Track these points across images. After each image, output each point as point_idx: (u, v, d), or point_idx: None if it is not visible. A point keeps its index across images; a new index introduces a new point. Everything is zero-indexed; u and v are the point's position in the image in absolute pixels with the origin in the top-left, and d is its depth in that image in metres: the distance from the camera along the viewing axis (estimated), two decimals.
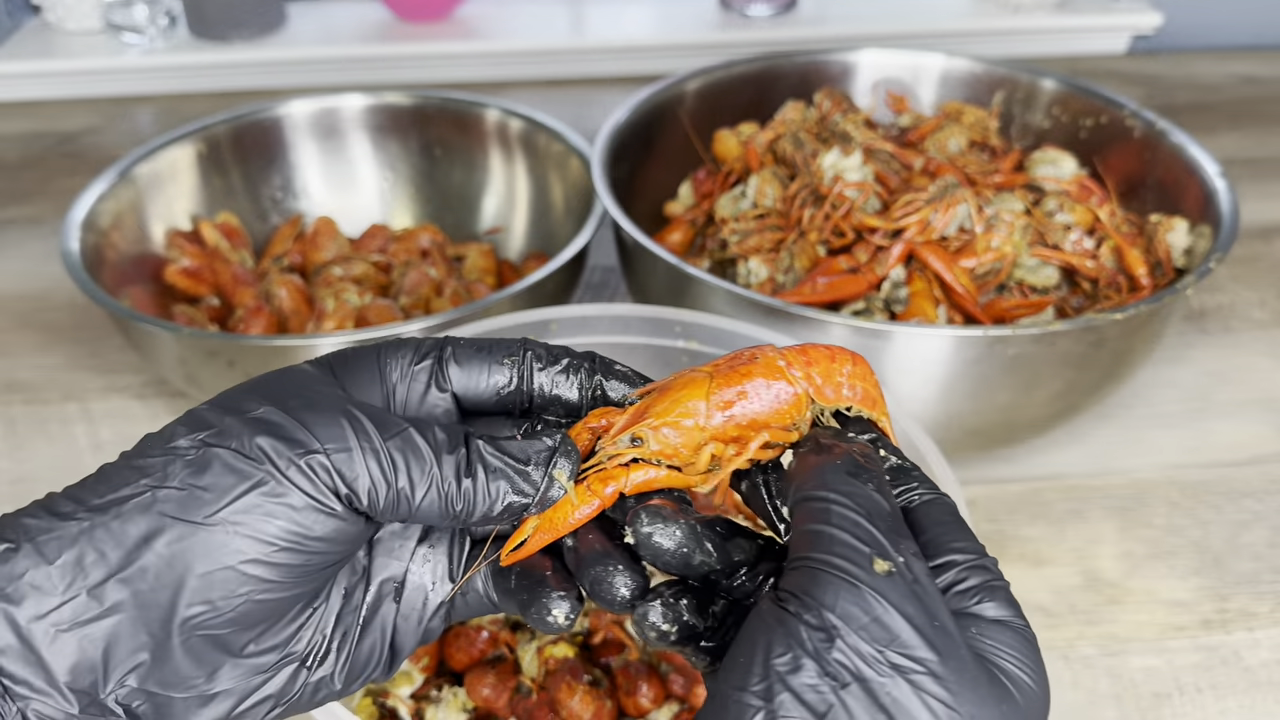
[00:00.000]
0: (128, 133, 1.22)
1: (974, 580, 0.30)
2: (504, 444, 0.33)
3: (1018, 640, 0.29)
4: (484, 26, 1.36)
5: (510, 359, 0.35)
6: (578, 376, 0.36)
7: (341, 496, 0.30)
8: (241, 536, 0.29)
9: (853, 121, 0.87)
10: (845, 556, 0.28)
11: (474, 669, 0.59)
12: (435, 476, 0.31)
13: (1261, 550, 0.71)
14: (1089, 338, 0.65)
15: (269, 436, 0.30)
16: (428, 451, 0.31)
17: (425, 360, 0.35)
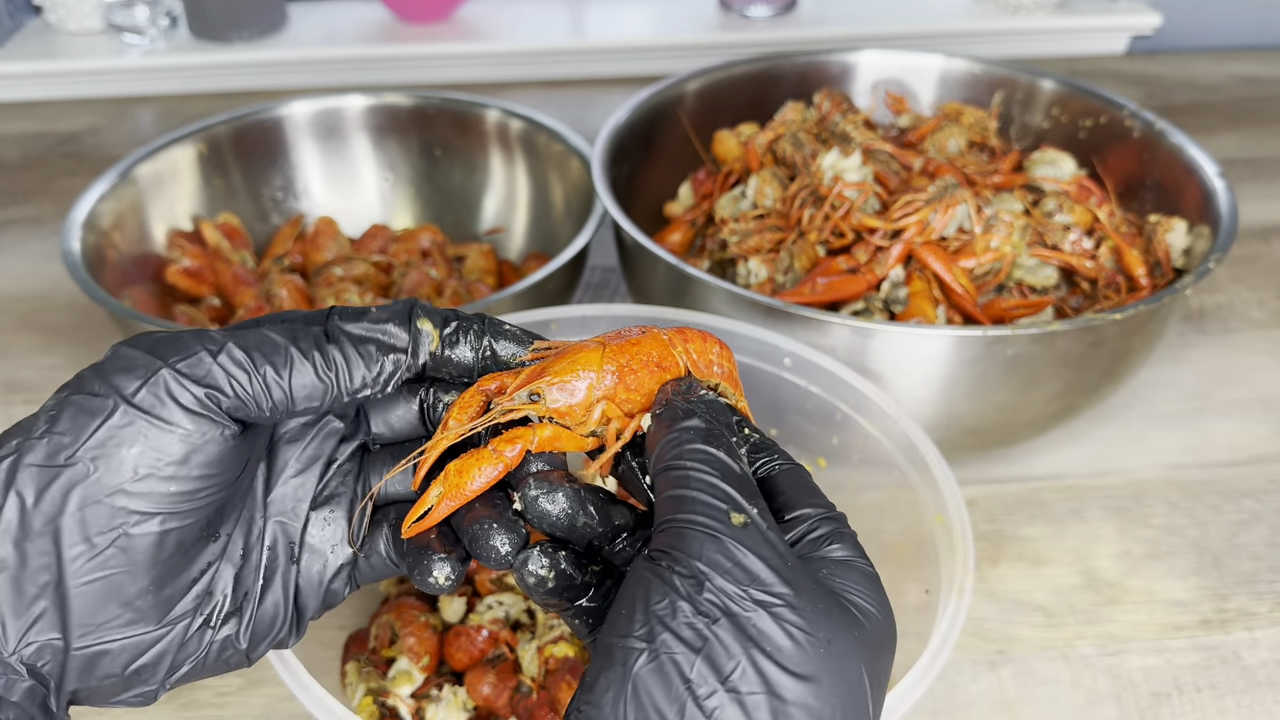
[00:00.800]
0: (129, 133, 1.23)
1: (824, 530, 0.34)
2: (359, 310, 0.35)
3: (863, 577, 0.33)
4: (484, 27, 1.36)
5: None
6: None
7: (202, 402, 0.32)
8: (103, 470, 0.31)
9: (852, 122, 0.87)
10: (705, 514, 0.31)
11: (474, 668, 0.59)
12: (294, 355, 0.33)
13: (1260, 550, 0.71)
14: (1088, 338, 0.65)
15: (118, 372, 0.32)
16: (282, 336, 0.33)
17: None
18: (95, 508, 0.31)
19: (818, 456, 0.63)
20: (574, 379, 0.35)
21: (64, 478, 0.31)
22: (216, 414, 0.32)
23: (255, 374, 0.32)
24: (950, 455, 0.63)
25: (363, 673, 0.59)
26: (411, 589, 0.64)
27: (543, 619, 0.61)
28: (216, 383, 0.32)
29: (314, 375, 0.33)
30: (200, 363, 0.32)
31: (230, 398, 0.32)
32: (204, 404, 0.32)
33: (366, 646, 0.61)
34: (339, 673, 0.61)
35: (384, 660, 0.60)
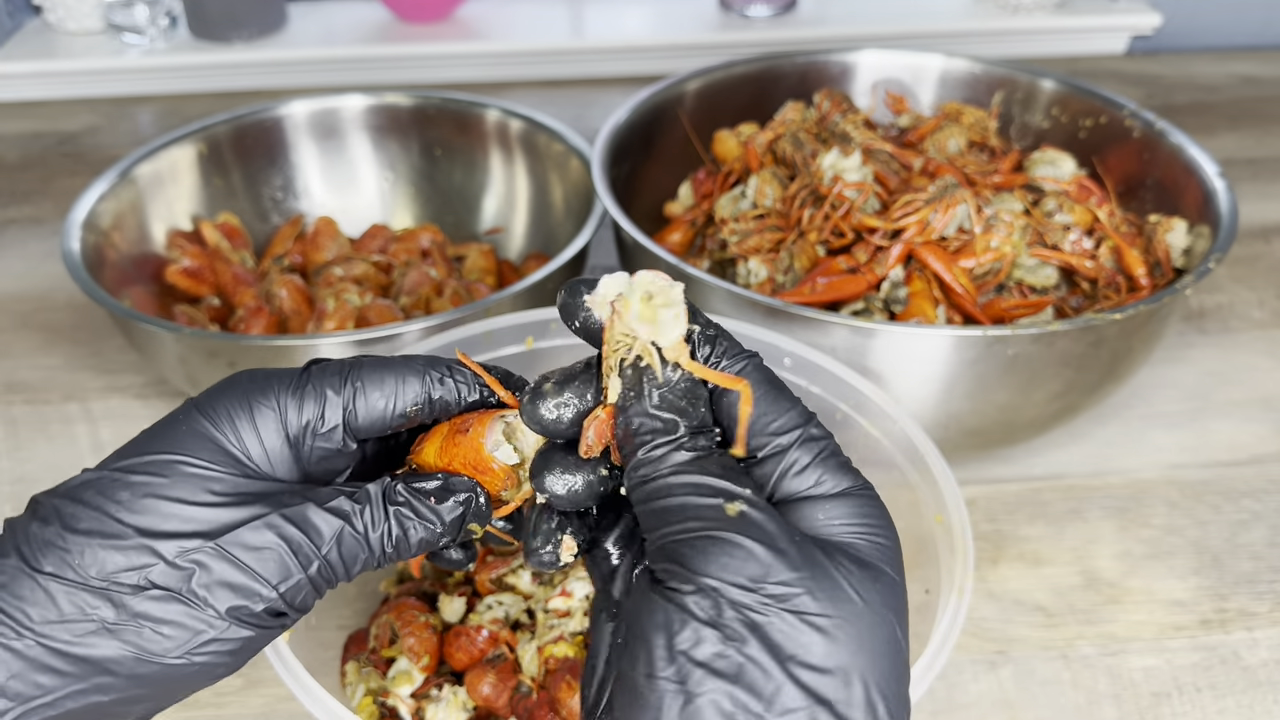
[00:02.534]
0: (128, 133, 1.23)
1: (804, 458, 0.32)
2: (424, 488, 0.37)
3: (862, 506, 0.31)
4: (484, 27, 1.36)
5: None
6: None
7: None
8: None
9: (852, 122, 0.87)
10: (699, 516, 0.30)
11: (474, 668, 0.59)
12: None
13: (1260, 550, 0.71)
14: (1088, 338, 0.65)
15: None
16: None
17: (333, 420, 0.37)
18: None
19: None
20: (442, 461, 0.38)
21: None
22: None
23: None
24: (950, 455, 0.63)
25: (362, 673, 0.59)
26: (412, 589, 0.64)
27: (543, 619, 0.61)
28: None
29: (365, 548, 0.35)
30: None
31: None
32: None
33: (366, 646, 0.61)
34: (339, 673, 0.61)
35: (384, 660, 0.60)
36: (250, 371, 0.37)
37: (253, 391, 0.36)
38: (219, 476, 0.34)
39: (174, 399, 0.84)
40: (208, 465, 0.34)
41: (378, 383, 0.37)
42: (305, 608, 0.34)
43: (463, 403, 0.38)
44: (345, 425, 0.36)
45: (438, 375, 0.37)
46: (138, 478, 0.33)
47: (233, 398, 0.35)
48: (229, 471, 0.34)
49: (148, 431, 0.35)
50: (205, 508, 0.33)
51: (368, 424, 0.37)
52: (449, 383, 0.37)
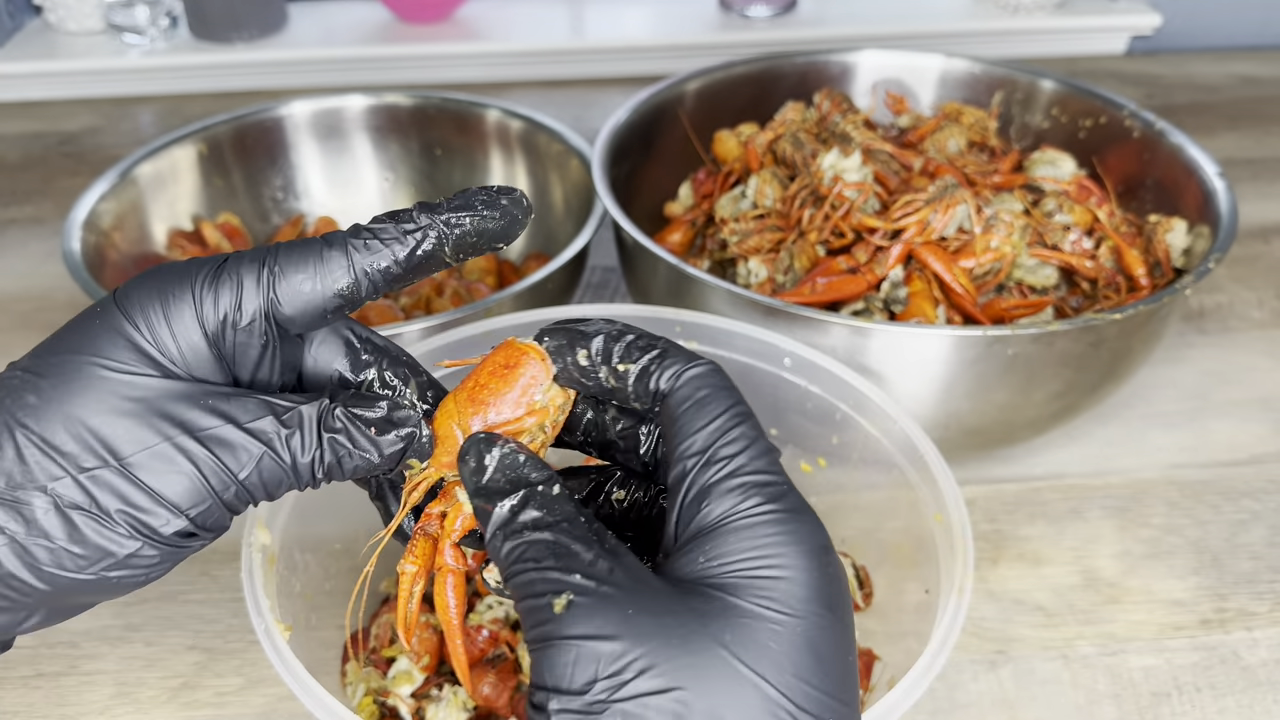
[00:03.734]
0: (129, 133, 1.23)
1: (704, 478, 0.30)
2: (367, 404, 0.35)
3: (756, 536, 0.28)
4: (484, 27, 1.36)
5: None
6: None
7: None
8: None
9: (852, 122, 0.87)
10: (535, 622, 0.28)
11: (475, 668, 0.59)
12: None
13: (1260, 550, 0.71)
14: (1088, 338, 0.65)
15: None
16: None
17: (252, 310, 0.34)
18: None
19: (818, 456, 0.63)
20: (444, 431, 0.36)
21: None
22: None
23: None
24: (950, 455, 0.63)
25: (363, 672, 0.59)
26: None
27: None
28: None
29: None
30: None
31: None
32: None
33: (367, 646, 0.61)
34: (339, 672, 0.61)
35: (384, 660, 0.60)
36: (171, 263, 0.34)
37: (169, 282, 0.33)
38: (133, 380, 0.32)
39: None
40: (121, 366, 0.32)
41: (298, 263, 0.33)
42: (221, 528, 0.33)
43: (396, 263, 0.34)
44: (268, 316, 0.33)
45: (360, 242, 0.34)
46: (47, 381, 0.31)
47: (149, 290, 0.33)
48: (145, 373, 0.32)
49: (67, 326, 0.33)
50: (115, 418, 0.31)
51: (298, 311, 0.34)
52: (375, 244, 0.34)
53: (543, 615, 0.27)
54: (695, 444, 0.30)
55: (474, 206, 0.35)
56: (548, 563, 0.28)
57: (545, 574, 0.28)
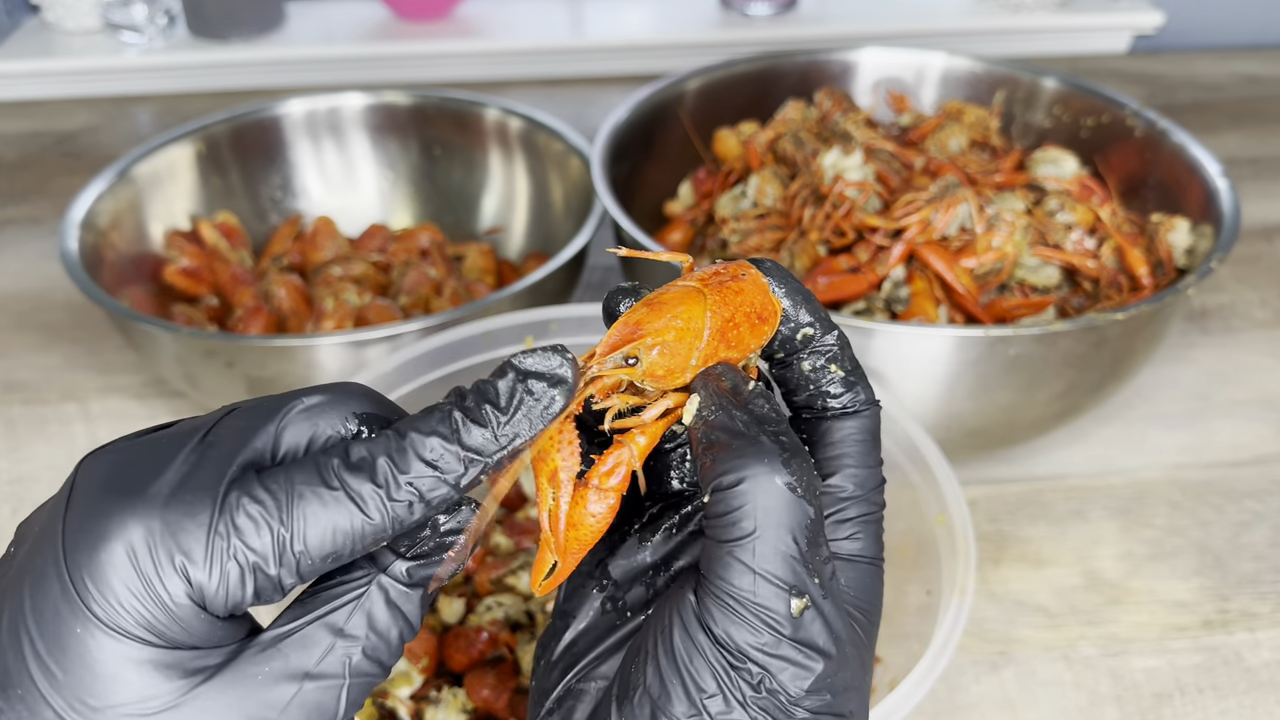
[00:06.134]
0: (126, 132, 1.22)
1: (853, 513, 0.32)
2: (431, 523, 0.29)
3: (869, 577, 0.33)
4: (484, 26, 1.35)
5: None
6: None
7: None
8: None
9: (853, 121, 0.87)
10: (766, 606, 0.27)
11: (474, 670, 0.59)
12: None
13: (1263, 550, 0.71)
14: (1090, 337, 0.65)
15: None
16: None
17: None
18: None
19: None
20: (676, 340, 0.30)
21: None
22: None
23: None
24: (952, 455, 0.62)
25: None
26: None
27: (542, 620, 0.61)
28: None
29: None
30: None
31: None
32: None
33: None
34: None
35: None
36: (117, 504, 0.26)
37: (153, 556, 0.25)
38: (186, 711, 0.26)
39: (172, 399, 0.84)
40: (164, 704, 0.25)
41: (316, 513, 0.26)
42: None
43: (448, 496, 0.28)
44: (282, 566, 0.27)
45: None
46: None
47: (122, 572, 0.25)
48: (186, 685, 0.26)
49: (33, 652, 0.25)
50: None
51: (313, 571, 0.27)
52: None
53: (774, 606, 0.28)
54: (865, 479, 0.33)
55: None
56: (799, 557, 0.28)
57: (798, 569, 0.28)
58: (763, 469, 0.28)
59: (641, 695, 0.29)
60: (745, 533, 0.27)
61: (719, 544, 0.28)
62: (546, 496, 0.30)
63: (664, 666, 0.28)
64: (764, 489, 0.28)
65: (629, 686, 0.29)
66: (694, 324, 0.30)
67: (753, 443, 0.28)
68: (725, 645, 0.28)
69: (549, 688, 0.33)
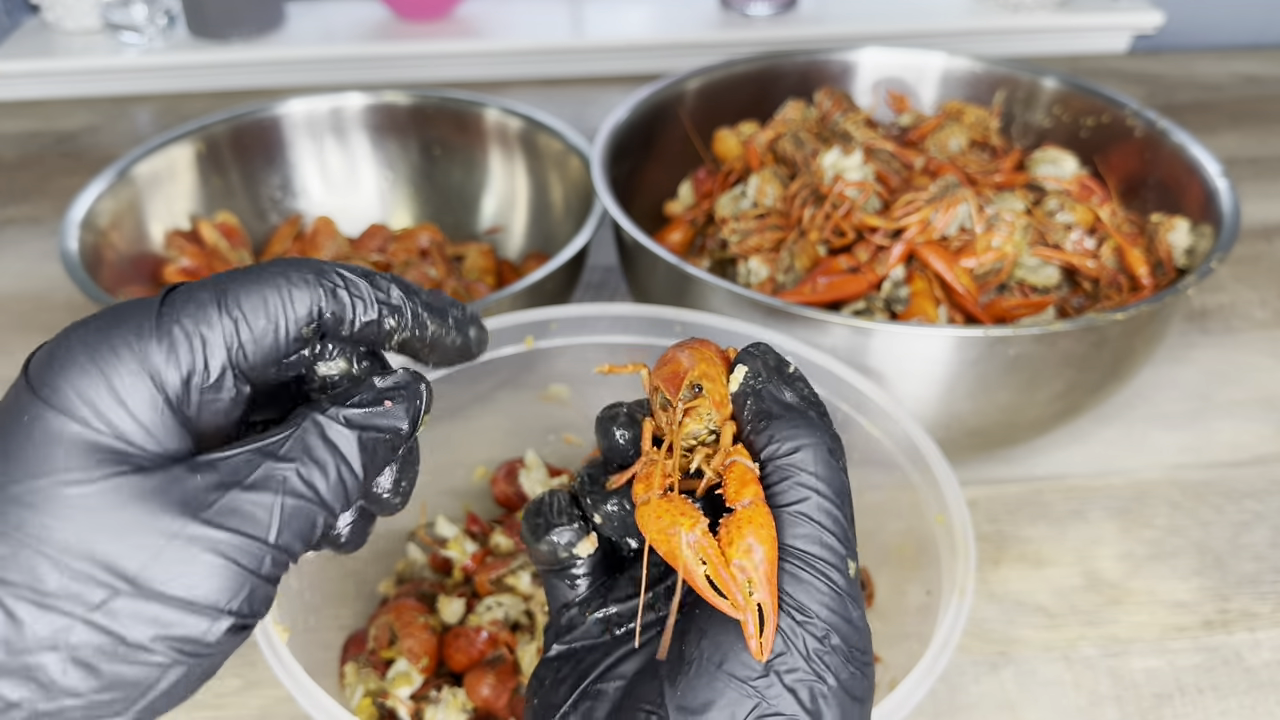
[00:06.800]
0: (126, 132, 1.22)
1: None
2: (354, 389, 0.32)
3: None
4: (484, 26, 1.35)
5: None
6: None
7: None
8: None
9: (853, 121, 0.87)
10: (830, 564, 0.30)
11: (473, 669, 0.59)
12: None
13: (1263, 551, 0.71)
14: (1090, 338, 0.65)
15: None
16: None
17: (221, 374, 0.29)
18: None
19: None
20: (707, 365, 0.34)
21: None
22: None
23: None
24: (952, 455, 0.62)
25: (361, 674, 0.59)
26: (411, 590, 0.64)
27: (542, 620, 0.61)
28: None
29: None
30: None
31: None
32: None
33: (365, 647, 0.61)
34: (338, 674, 0.60)
35: (383, 661, 0.60)
36: (85, 324, 0.28)
37: (102, 354, 0.27)
38: (103, 486, 0.26)
39: None
40: (84, 476, 0.26)
41: (260, 305, 0.29)
42: (268, 603, 0.29)
43: (357, 322, 0.31)
44: (234, 369, 0.29)
45: (329, 287, 0.30)
46: (8, 525, 0.26)
47: (78, 373, 0.27)
48: (114, 472, 0.26)
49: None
50: (106, 536, 0.26)
51: (259, 360, 0.30)
52: (342, 295, 0.31)
53: (838, 566, 0.30)
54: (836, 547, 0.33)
55: (447, 318, 0.34)
56: (850, 522, 0.31)
57: (850, 535, 0.31)
58: (815, 439, 0.31)
59: (700, 666, 0.30)
60: (803, 497, 0.30)
61: (778, 509, 0.30)
62: (732, 574, 0.29)
63: (724, 638, 0.30)
64: (817, 458, 0.30)
65: (682, 662, 0.30)
66: (705, 351, 0.35)
67: (803, 415, 0.31)
68: (789, 603, 0.29)
69: (557, 702, 0.33)
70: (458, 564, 0.65)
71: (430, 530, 0.67)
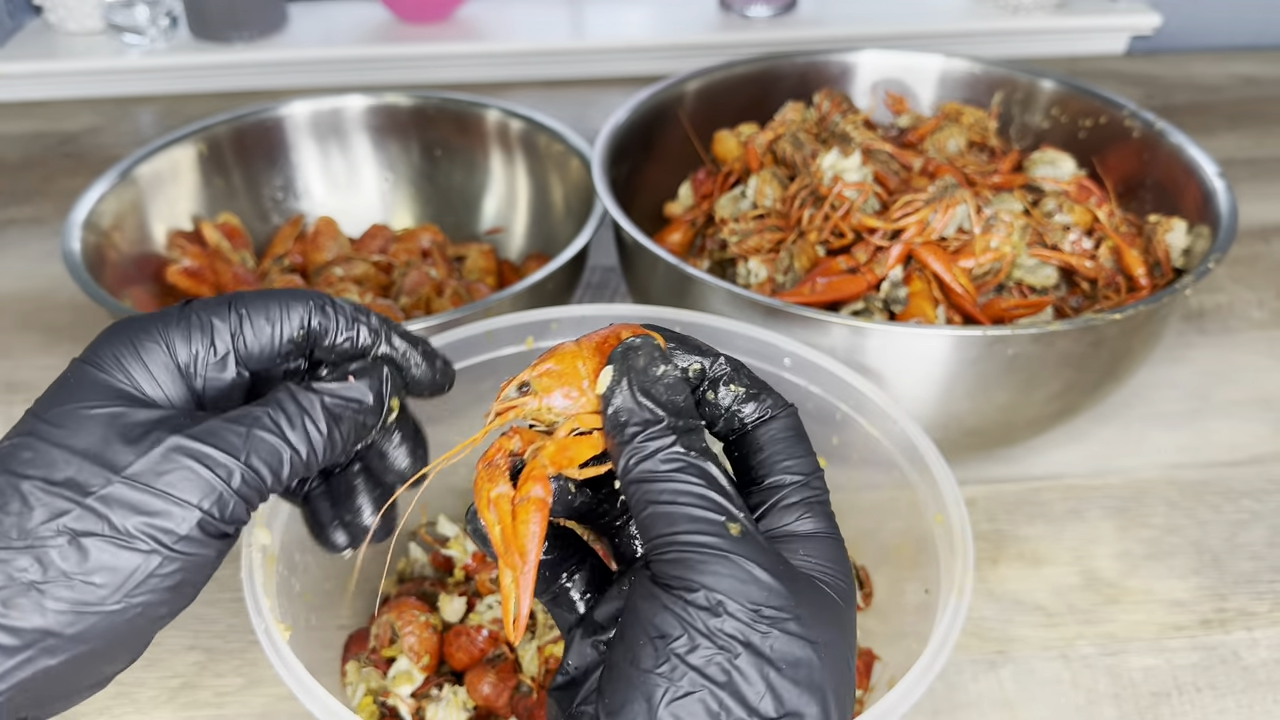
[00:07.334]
0: (129, 133, 1.23)
1: (795, 498, 0.34)
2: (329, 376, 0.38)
3: (833, 550, 0.34)
4: (484, 27, 1.36)
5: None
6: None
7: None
8: None
9: (852, 122, 0.87)
10: (706, 531, 0.31)
11: (474, 668, 0.59)
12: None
13: (1260, 550, 0.71)
14: (1088, 338, 0.65)
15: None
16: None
17: (220, 350, 0.37)
18: None
19: (818, 457, 0.63)
20: (558, 361, 0.36)
21: None
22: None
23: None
24: (950, 455, 0.62)
25: (363, 672, 0.59)
26: (412, 589, 0.64)
27: (543, 619, 0.61)
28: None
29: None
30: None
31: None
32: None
33: (366, 646, 0.61)
34: (339, 672, 0.61)
35: (384, 660, 0.60)
36: (129, 317, 0.37)
37: (135, 333, 0.36)
38: (119, 412, 0.34)
39: None
40: (106, 404, 0.34)
41: (262, 309, 0.38)
42: (239, 520, 0.34)
43: (339, 334, 0.39)
44: (235, 354, 0.37)
45: (319, 304, 0.38)
46: (36, 436, 0.33)
47: (116, 343, 0.36)
48: (124, 403, 0.34)
49: (43, 395, 0.35)
50: (111, 442, 0.33)
51: (257, 351, 0.38)
52: (329, 311, 0.39)
53: (714, 530, 0.31)
54: (797, 467, 0.35)
55: (417, 346, 0.41)
56: (719, 488, 0.32)
57: (721, 498, 0.31)
58: (659, 444, 0.32)
59: (617, 668, 0.31)
60: (652, 498, 0.32)
61: (642, 513, 0.32)
62: (491, 522, 0.34)
63: (631, 637, 0.31)
64: (667, 459, 0.32)
65: (609, 667, 0.32)
66: (570, 348, 0.36)
67: (654, 423, 0.33)
68: (673, 584, 0.30)
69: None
70: (459, 563, 0.65)
71: (432, 529, 0.67)
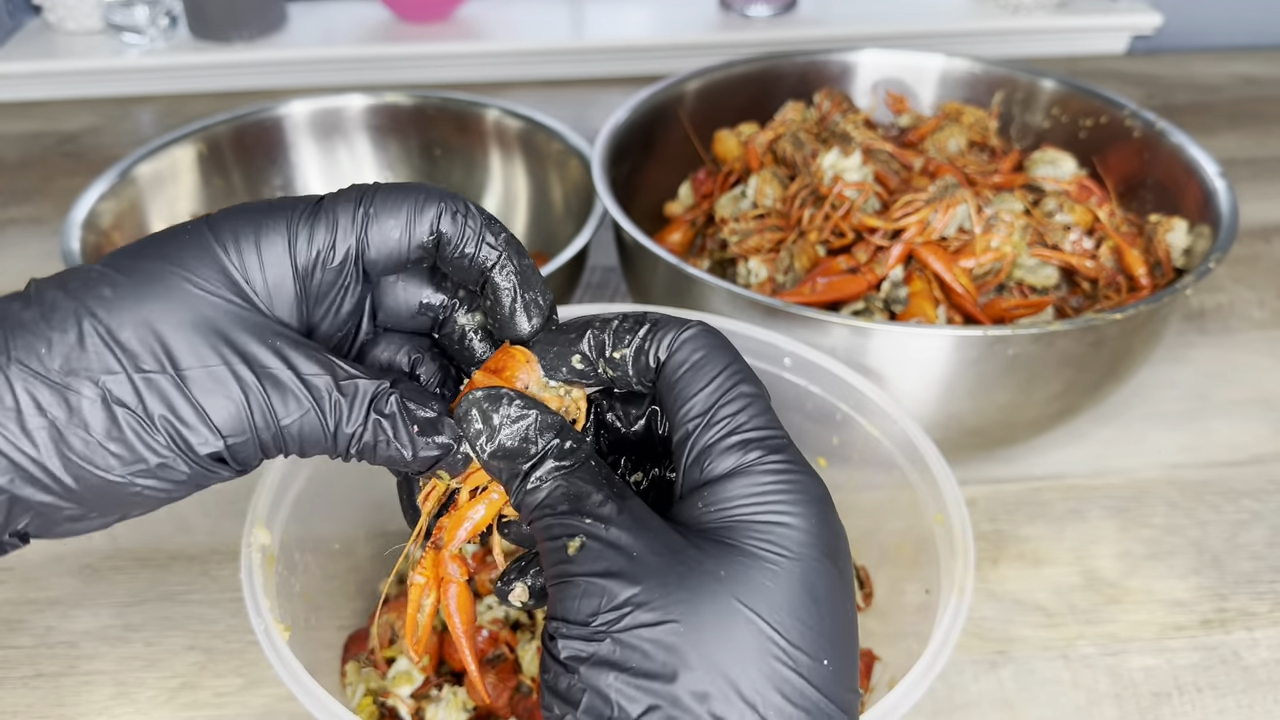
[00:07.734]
0: (129, 133, 1.23)
1: (702, 443, 0.31)
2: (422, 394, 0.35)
3: (754, 482, 0.30)
4: (484, 27, 1.36)
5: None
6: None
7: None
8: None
9: (852, 122, 0.87)
10: (551, 561, 0.30)
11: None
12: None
13: (1261, 550, 0.71)
14: (1088, 338, 0.65)
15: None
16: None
17: (341, 258, 0.34)
18: None
19: (818, 456, 0.63)
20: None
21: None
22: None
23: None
24: (950, 455, 0.63)
25: (362, 673, 0.59)
26: None
27: (542, 620, 0.61)
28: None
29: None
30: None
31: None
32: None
33: (366, 646, 0.61)
34: (339, 673, 0.61)
35: (384, 660, 0.60)
36: (265, 199, 0.35)
37: (263, 215, 0.34)
38: (210, 299, 0.32)
39: None
40: (203, 284, 0.32)
41: (393, 209, 0.34)
42: (249, 465, 0.33)
43: (463, 247, 0.34)
44: (357, 255, 0.34)
45: (452, 208, 0.34)
46: (126, 279, 0.31)
47: (243, 220, 0.34)
48: (224, 295, 0.32)
49: (153, 236, 0.33)
50: (184, 330, 0.31)
51: (381, 256, 0.34)
52: (459, 219, 0.34)
53: (559, 556, 0.30)
54: (695, 406, 0.32)
55: (528, 291, 0.36)
56: (563, 508, 0.31)
57: (562, 520, 0.31)
58: (528, 490, 0.32)
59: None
60: (543, 534, 0.31)
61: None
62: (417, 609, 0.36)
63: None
64: (530, 507, 0.32)
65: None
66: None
67: (514, 481, 0.33)
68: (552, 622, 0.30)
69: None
70: None
71: None
